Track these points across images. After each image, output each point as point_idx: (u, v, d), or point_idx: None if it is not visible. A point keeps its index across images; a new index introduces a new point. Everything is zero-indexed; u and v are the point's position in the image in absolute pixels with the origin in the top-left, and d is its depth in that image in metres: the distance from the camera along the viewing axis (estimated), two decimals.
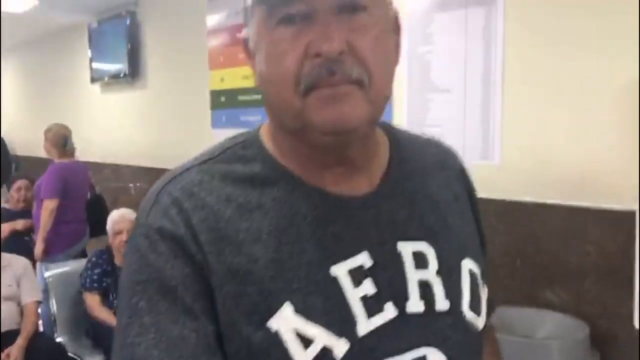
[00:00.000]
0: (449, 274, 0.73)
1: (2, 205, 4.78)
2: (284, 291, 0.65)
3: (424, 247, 0.72)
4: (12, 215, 4.46)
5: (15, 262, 3.23)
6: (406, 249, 0.71)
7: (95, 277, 3.28)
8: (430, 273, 0.71)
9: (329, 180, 0.71)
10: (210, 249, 0.66)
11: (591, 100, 2.26)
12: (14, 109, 8.80)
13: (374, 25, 0.66)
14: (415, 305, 0.69)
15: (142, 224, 0.69)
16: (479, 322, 0.75)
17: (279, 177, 0.70)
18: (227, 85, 4.29)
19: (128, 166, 5.66)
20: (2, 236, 4.15)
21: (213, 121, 4.45)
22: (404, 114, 2.92)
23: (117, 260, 3.36)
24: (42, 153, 4.43)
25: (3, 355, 2.87)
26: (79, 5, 5.47)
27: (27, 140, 7.31)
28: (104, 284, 3.28)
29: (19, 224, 4.37)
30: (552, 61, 2.38)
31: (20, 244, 4.13)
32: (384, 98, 0.68)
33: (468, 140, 2.72)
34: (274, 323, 0.64)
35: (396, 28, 0.72)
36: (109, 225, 3.41)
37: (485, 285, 0.80)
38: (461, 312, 0.72)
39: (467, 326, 0.73)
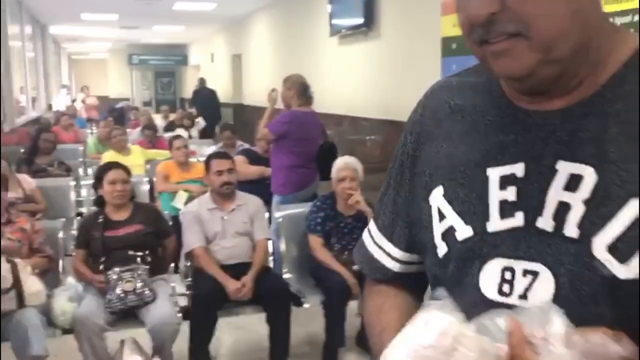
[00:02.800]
0: (601, 205, 0.67)
1: (253, 148, 5.26)
2: (443, 178, 0.81)
3: (586, 171, 0.69)
4: (259, 159, 4.91)
5: (250, 202, 3.50)
6: (565, 169, 0.70)
7: (319, 220, 3.41)
8: (577, 197, 0.69)
9: (525, 100, 0.76)
10: (418, 138, 0.86)
11: None
12: (265, 61, 9.56)
13: None
14: (544, 222, 0.71)
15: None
16: (619, 270, 0.66)
17: (487, 88, 0.81)
18: (460, 31, 4.05)
19: (365, 119, 5.77)
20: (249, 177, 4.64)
21: (443, 70, 4.28)
22: None
23: (340, 206, 3.45)
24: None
25: (240, 284, 3.15)
26: None
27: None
28: (327, 228, 3.41)
29: (265, 171, 4.74)
30: None
31: (260, 186, 4.49)
32: (561, 36, 0.67)
33: None
34: (431, 199, 0.82)
35: None
36: (333, 172, 3.51)
37: None
38: (588, 246, 0.67)
39: (593, 264, 0.67)
